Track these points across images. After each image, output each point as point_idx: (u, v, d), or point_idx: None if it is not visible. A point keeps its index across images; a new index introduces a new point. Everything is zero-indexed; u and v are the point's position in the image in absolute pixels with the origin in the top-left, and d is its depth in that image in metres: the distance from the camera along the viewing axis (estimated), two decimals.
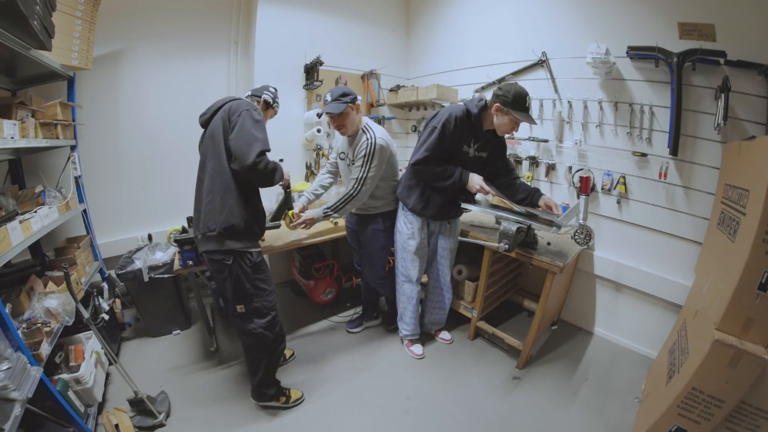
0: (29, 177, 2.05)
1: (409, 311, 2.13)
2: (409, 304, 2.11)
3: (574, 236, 1.85)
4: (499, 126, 1.73)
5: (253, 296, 1.57)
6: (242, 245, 1.51)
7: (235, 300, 1.57)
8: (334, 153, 2.14)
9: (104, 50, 2.19)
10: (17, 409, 1.12)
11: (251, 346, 1.66)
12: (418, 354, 2.16)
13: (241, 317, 1.59)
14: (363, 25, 2.99)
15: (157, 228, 2.53)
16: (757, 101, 1.65)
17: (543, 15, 2.32)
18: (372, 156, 1.79)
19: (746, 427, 1.21)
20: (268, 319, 1.61)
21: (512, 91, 1.63)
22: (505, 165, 1.99)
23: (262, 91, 1.72)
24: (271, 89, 1.74)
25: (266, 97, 1.70)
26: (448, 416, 1.75)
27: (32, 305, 1.49)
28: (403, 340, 2.24)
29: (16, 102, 1.51)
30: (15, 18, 1.22)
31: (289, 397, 1.79)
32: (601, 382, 1.98)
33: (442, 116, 1.74)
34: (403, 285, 2.11)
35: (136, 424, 1.59)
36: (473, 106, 1.74)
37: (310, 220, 1.87)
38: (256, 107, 1.55)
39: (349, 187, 1.85)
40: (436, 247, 2.10)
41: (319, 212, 1.86)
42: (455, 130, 1.73)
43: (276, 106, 1.76)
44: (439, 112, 1.81)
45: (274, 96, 1.74)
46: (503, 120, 1.69)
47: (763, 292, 1.14)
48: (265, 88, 1.74)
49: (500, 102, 1.65)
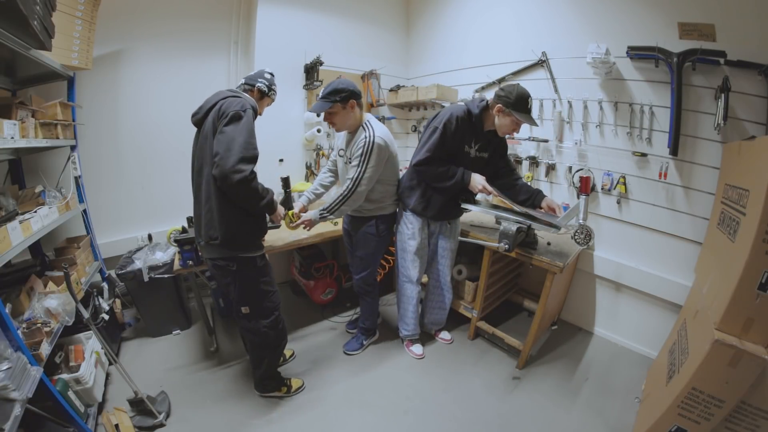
0: (29, 177, 2.05)
1: (409, 311, 2.13)
2: (409, 304, 2.11)
3: (574, 236, 1.85)
4: (500, 127, 1.73)
5: (257, 298, 1.59)
6: (246, 252, 1.50)
7: (240, 302, 1.59)
8: (335, 151, 2.08)
9: (104, 50, 2.19)
10: (17, 409, 1.12)
11: (255, 344, 1.71)
12: (418, 354, 2.16)
13: (246, 317, 1.63)
14: (363, 25, 2.99)
15: (157, 228, 2.53)
16: (757, 101, 1.65)
17: (543, 15, 2.32)
18: (369, 155, 1.68)
19: (746, 427, 1.22)
20: (272, 319, 1.64)
21: (514, 92, 1.63)
22: (507, 165, 1.99)
23: (256, 79, 1.59)
24: (267, 75, 1.62)
25: (260, 86, 1.58)
26: (448, 416, 1.75)
27: (32, 305, 1.49)
28: (404, 340, 2.23)
29: (16, 102, 1.51)
30: (15, 18, 1.22)
31: (290, 386, 1.85)
32: (601, 382, 1.98)
33: (444, 116, 1.73)
34: (403, 285, 2.10)
35: (136, 424, 1.59)
36: (474, 107, 1.74)
37: (309, 221, 1.80)
38: (248, 107, 1.40)
39: (343, 187, 1.75)
40: (436, 248, 2.09)
41: (316, 214, 1.78)
42: (456, 130, 1.73)
43: (272, 94, 1.64)
44: (440, 112, 1.80)
45: (270, 83, 1.61)
46: (505, 121, 1.69)
47: (763, 292, 1.14)
48: (260, 75, 1.61)
49: (502, 103, 1.65)
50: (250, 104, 1.42)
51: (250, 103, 1.44)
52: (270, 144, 2.63)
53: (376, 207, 1.91)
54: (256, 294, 1.59)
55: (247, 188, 1.33)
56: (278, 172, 2.53)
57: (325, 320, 2.54)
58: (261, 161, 1.42)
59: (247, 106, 1.39)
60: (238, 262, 1.50)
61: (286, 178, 2.05)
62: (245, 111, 1.36)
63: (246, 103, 1.40)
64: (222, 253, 1.49)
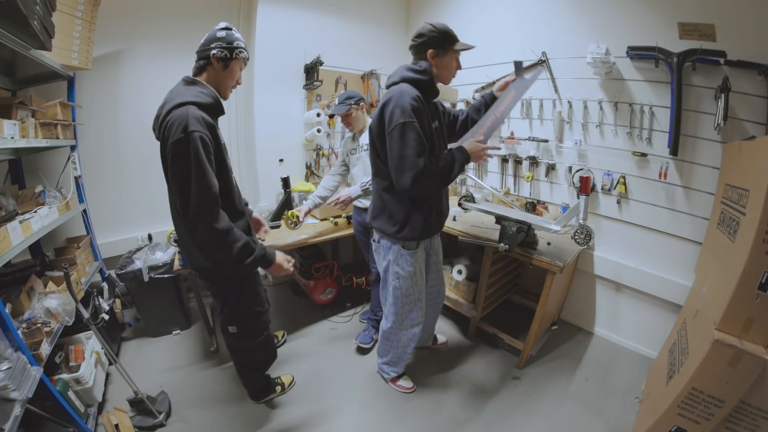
0: (29, 177, 2.05)
1: (407, 354, 1.86)
2: (408, 347, 1.83)
3: (574, 236, 1.85)
4: (445, 73, 1.46)
5: (246, 318, 1.51)
6: (232, 279, 1.38)
7: (227, 321, 1.50)
8: (341, 156, 2.22)
9: (104, 50, 2.19)
10: (17, 409, 1.12)
11: (244, 365, 1.67)
12: (410, 387, 1.90)
13: (233, 336, 1.53)
14: (363, 25, 2.98)
15: (157, 228, 2.53)
16: (757, 101, 1.64)
17: (543, 15, 2.31)
18: None
19: (746, 427, 1.21)
20: (261, 340, 1.57)
21: (436, 29, 1.39)
22: (451, 114, 1.73)
23: (208, 47, 1.20)
24: (220, 33, 1.21)
25: (217, 53, 1.19)
26: (448, 416, 1.75)
27: (32, 305, 1.49)
28: (387, 380, 1.94)
29: (16, 102, 1.51)
30: (15, 18, 1.23)
31: (283, 384, 1.84)
32: (601, 382, 1.98)
33: (401, 106, 1.32)
34: (408, 330, 1.76)
35: (136, 424, 1.59)
36: (421, 74, 1.41)
37: (347, 198, 1.91)
38: (191, 124, 1.06)
39: None
40: (430, 266, 1.80)
41: (357, 189, 1.91)
42: (424, 111, 1.39)
43: (239, 52, 1.24)
44: (383, 109, 1.38)
45: (229, 41, 1.21)
46: (446, 62, 1.44)
47: (763, 292, 1.14)
48: (212, 38, 1.21)
49: (433, 46, 1.40)
50: (193, 116, 1.09)
51: (194, 117, 1.09)
52: (270, 144, 2.64)
53: None
54: (244, 314, 1.49)
55: (215, 244, 1.12)
56: (278, 172, 2.54)
57: (325, 320, 2.54)
58: (261, 161, 1.39)
59: (192, 126, 1.07)
60: (226, 286, 1.40)
61: (286, 178, 2.05)
62: (187, 134, 1.06)
63: (187, 118, 1.07)
64: (209, 282, 1.43)
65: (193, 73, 1.27)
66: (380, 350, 1.92)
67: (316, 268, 2.55)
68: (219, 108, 1.24)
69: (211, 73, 1.24)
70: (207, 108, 1.16)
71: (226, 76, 1.26)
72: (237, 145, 2.81)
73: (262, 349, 1.61)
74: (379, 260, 1.70)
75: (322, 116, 2.70)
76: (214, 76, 1.25)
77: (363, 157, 2.05)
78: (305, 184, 2.60)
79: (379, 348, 1.93)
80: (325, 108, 2.77)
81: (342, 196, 1.91)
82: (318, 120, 2.69)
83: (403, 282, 1.64)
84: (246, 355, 1.62)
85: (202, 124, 1.10)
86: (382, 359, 1.91)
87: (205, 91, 1.20)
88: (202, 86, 1.21)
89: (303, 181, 2.87)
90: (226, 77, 1.26)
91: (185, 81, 1.24)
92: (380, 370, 1.96)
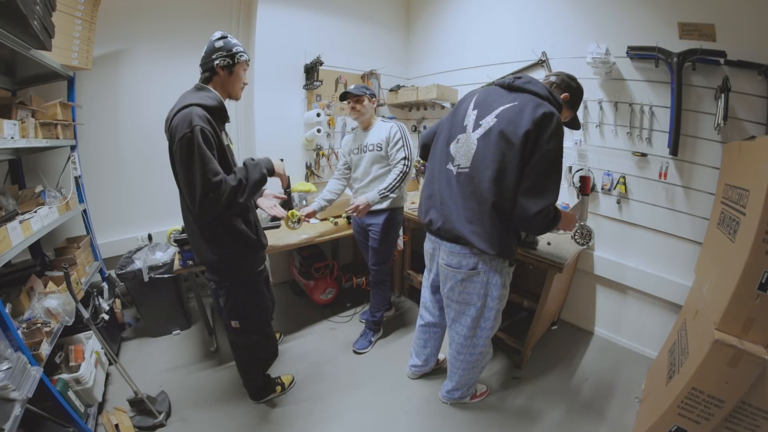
0: (29, 177, 2.05)
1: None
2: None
3: (574, 236, 1.85)
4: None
5: (249, 313, 1.55)
6: (239, 273, 1.46)
7: (230, 316, 1.53)
8: (342, 158, 2.20)
9: (104, 50, 2.19)
10: (17, 409, 1.12)
11: (245, 360, 1.68)
12: (485, 390, 1.85)
13: (236, 332, 1.56)
14: (363, 25, 2.98)
15: (157, 228, 2.53)
16: (757, 101, 1.64)
17: (543, 15, 2.31)
18: (406, 137, 1.94)
19: (746, 427, 1.21)
20: (263, 335, 1.61)
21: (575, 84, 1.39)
22: None
23: (210, 58, 1.27)
24: (218, 43, 1.27)
25: (220, 62, 1.26)
26: (449, 416, 1.75)
27: (32, 305, 1.49)
28: (466, 401, 1.81)
29: (16, 102, 1.51)
30: (15, 18, 1.23)
31: (283, 384, 1.85)
32: (601, 382, 1.98)
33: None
34: (489, 343, 1.64)
35: (136, 424, 1.59)
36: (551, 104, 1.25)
37: (365, 204, 1.86)
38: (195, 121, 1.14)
39: (398, 168, 1.91)
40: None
41: (375, 195, 1.87)
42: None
43: (240, 56, 1.30)
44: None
45: (228, 48, 1.27)
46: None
47: (763, 292, 1.14)
48: (211, 49, 1.27)
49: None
50: (197, 114, 1.16)
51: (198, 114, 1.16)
52: (270, 144, 2.64)
53: (399, 197, 2.06)
54: (248, 310, 1.54)
55: (229, 208, 1.22)
56: None
57: (325, 320, 2.54)
58: None
59: (195, 121, 1.14)
60: (231, 280, 1.46)
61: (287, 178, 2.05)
62: (192, 128, 1.13)
63: (191, 116, 1.15)
64: (215, 275, 1.46)
65: (200, 81, 1.34)
66: (461, 383, 1.71)
67: (316, 268, 2.55)
68: (223, 111, 1.30)
69: (217, 81, 1.32)
70: (211, 110, 1.23)
71: (233, 81, 1.35)
72: (237, 145, 2.82)
73: (264, 345, 1.63)
74: (477, 290, 1.42)
75: (322, 116, 2.70)
76: (221, 83, 1.33)
77: (366, 158, 2.03)
78: (305, 184, 2.60)
79: (459, 383, 1.71)
80: (325, 108, 2.77)
81: (360, 203, 1.85)
82: (318, 120, 2.69)
83: (498, 292, 1.42)
84: (248, 351, 1.63)
85: (205, 121, 1.18)
86: (462, 391, 1.75)
87: (211, 95, 1.28)
88: (208, 91, 1.29)
89: (303, 181, 2.88)
90: (233, 82, 1.35)
91: (195, 87, 1.32)
92: (458, 399, 1.78)
